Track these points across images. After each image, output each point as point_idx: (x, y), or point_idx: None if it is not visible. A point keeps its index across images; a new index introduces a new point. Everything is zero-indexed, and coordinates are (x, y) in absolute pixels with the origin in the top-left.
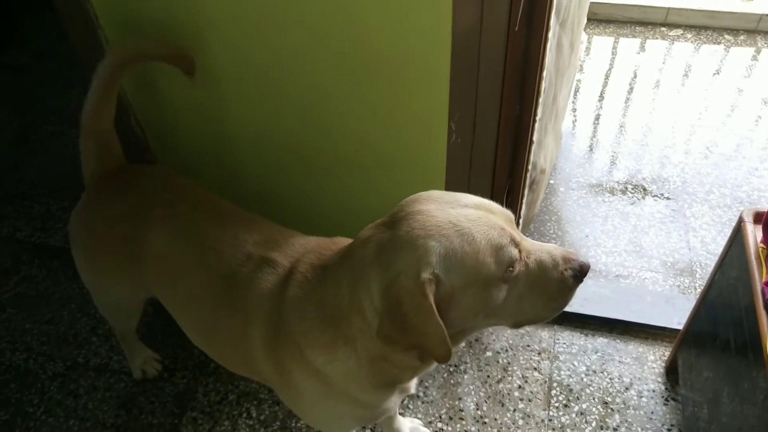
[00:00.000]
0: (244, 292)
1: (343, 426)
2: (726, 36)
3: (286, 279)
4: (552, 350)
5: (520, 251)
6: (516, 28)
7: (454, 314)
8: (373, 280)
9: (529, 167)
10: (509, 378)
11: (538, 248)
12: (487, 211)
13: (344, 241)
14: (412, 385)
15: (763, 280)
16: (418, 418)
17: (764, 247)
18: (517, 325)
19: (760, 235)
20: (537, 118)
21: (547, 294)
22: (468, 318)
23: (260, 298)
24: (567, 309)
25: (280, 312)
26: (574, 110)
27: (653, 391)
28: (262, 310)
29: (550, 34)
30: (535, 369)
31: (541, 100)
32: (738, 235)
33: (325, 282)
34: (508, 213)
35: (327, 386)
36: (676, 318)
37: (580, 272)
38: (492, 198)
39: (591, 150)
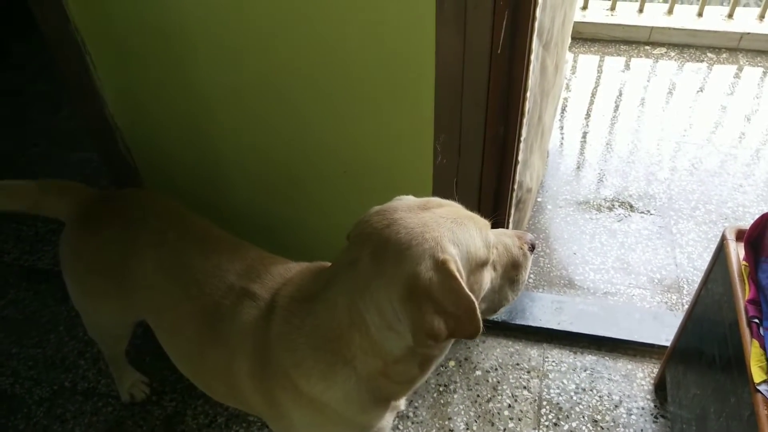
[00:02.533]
0: (227, 325)
1: None
2: (709, 54)
3: (268, 312)
4: (541, 368)
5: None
6: (499, 51)
7: None
8: (380, 291)
9: (515, 187)
10: (499, 397)
11: (498, 233)
12: (456, 207)
13: (323, 265)
14: (402, 402)
15: (746, 297)
16: None
17: (747, 264)
18: (491, 312)
19: (742, 252)
20: (522, 138)
21: (516, 270)
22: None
23: (243, 332)
24: (556, 327)
25: (266, 346)
26: (561, 128)
27: (642, 408)
28: (246, 344)
29: (533, 56)
30: (525, 388)
31: (525, 120)
32: (721, 253)
33: (315, 311)
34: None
35: (322, 414)
36: (664, 335)
37: (532, 245)
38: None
39: (578, 168)
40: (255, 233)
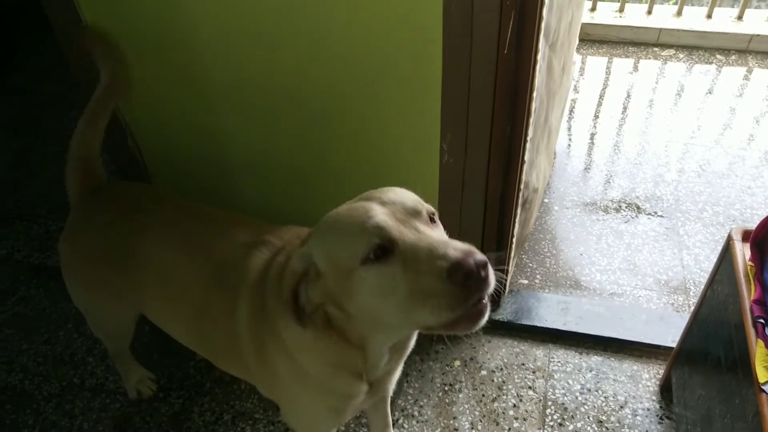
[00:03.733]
0: (236, 272)
1: (320, 420)
2: (718, 56)
3: (274, 256)
4: (547, 369)
5: (393, 242)
6: (505, 51)
7: (346, 299)
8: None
9: (522, 186)
10: (504, 397)
11: (426, 241)
12: (379, 203)
13: None
14: (390, 387)
15: (752, 297)
16: None
17: (753, 265)
18: (424, 330)
19: (748, 253)
20: (528, 138)
21: (425, 297)
22: (354, 307)
23: (251, 273)
24: (561, 327)
25: (264, 288)
26: (569, 129)
27: (648, 409)
28: (251, 284)
29: (539, 57)
30: (530, 388)
31: (532, 120)
32: (727, 253)
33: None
34: (411, 203)
35: (300, 370)
36: (671, 336)
37: (453, 269)
38: (485, 216)
39: (585, 169)
40: None
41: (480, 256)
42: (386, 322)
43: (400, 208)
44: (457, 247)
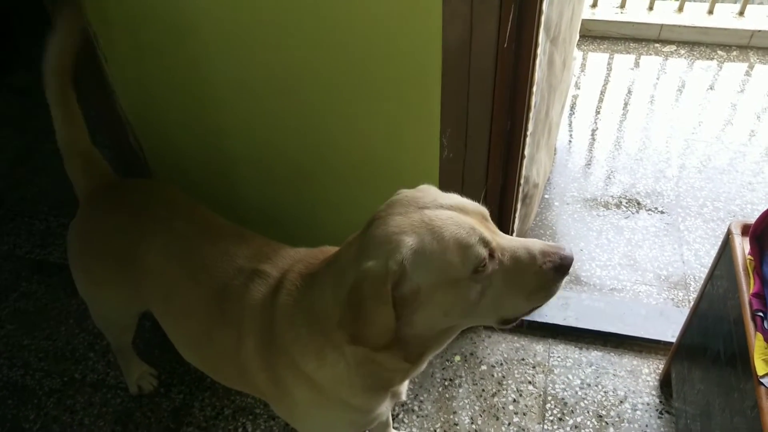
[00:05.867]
0: (236, 304)
1: None
2: (719, 52)
3: (277, 288)
4: (547, 364)
5: (492, 249)
6: (505, 45)
7: (422, 315)
8: (350, 278)
9: (522, 181)
10: (504, 392)
11: (516, 244)
12: (460, 211)
13: (331, 250)
14: (403, 391)
15: (751, 291)
16: None
17: (752, 258)
18: (502, 322)
19: (747, 247)
20: (528, 133)
21: (528, 289)
22: (437, 318)
23: (252, 309)
24: (561, 323)
25: (272, 322)
26: (570, 125)
27: (648, 404)
28: (254, 320)
29: (539, 51)
30: (530, 383)
31: (532, 115)
32: (726, 247)
33: (312, 289)
34: (482, 210)
35: (320, 394)
36: (670, 331)
37: (561, 265)
38: None
39: (586, 165)
40: (264, 227)
41: (568, 248)
42: (459, 326)
43: (480, 216)
44: (547, 246)
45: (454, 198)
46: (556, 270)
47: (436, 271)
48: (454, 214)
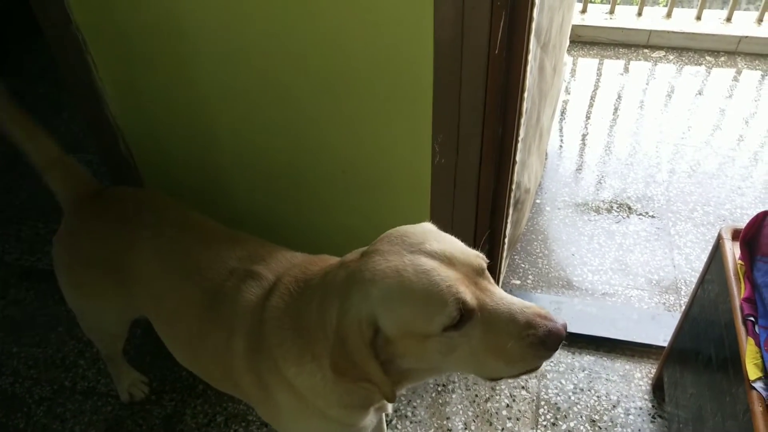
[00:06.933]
0: (228, 305)
1: None
2: (707, 57)
3: (270, 291)
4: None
5: (471, 310)
6: (496, 51)
7: (402, 361)
8: (332, 307)
9: (513, 187)
10: (497, 397)
11: (503, 307)
12: (445, 262)
13: (330, 259)
14: (389, 406)
15: (742, 296)
16: None
17: (742, 263)
18: (489, 379)
19: (738, 252)
20: (520, 139)
21: (506, 357)
22: (413, 363)
23: (244, 309)
24: None
25: (262, 323)
26: (561, 131)
27: (640, 408)
28: (245, 321)
29: (530, 57)
30: (523, 388)
31: (523, 120)
32: (717, 252)
33: (302, 295)
34: (475, 262)
35: (300, 401)
36: (662, 335)
37: (545, 340)
38: (477, 217)
39: (577, 170)
40: (257, 232)
41: (561, 320)
42: (444, 371)
43: (470, 270)
44: (537, 313)
45: (447, 244)
46: (540, 344)
47: (402, 323)
48: (436, 265)
